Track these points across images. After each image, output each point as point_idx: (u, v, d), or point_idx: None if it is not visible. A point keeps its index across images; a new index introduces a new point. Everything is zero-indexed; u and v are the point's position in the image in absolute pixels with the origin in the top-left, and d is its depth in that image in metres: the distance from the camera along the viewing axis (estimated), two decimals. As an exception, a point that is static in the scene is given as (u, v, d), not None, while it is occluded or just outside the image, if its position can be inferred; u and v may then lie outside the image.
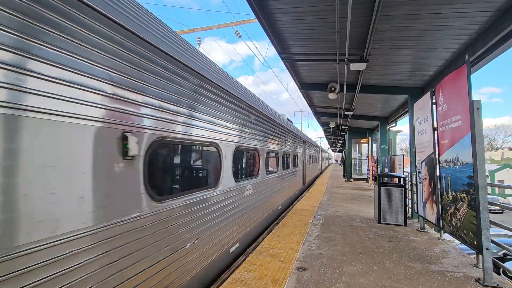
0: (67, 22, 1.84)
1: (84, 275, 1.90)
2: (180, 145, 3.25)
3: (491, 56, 6.05)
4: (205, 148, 3.82)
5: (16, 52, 1.56)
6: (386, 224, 6.94)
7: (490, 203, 3.96)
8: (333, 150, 69.86)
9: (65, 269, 1.78)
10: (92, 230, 1.97)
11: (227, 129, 4.29)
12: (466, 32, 5.81)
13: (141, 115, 2.46)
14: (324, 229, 6.42)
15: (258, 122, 6.01)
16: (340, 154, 55.61)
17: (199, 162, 3.90)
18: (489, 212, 3.66)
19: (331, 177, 24.93)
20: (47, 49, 1.71)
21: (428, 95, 5.42)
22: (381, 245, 5.32)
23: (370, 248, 5.16)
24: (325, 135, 38.72)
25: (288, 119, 14.20)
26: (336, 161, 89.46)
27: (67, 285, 1.79)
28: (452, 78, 4.34)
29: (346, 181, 20.75)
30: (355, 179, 21.45)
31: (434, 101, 5.18)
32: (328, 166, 54.61)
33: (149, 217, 2.53)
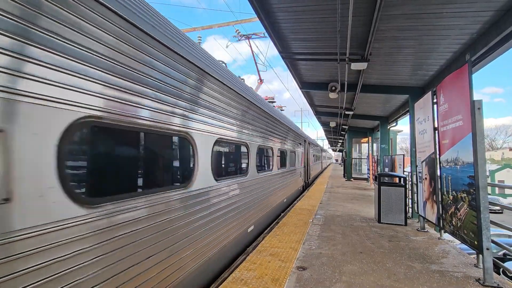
0: None
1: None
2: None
3: (492, 56, 6.04)
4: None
5: None
6: (386, 223, 6.94)
7: (491, 203, 3.95)
8: (333, 150, 69.86)
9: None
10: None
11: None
12: (468, 32, 5.80)
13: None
14: (324, 229, 6.42)
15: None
16: (341, 153, 55.61)
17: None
18: (489, 212, 3.66)
19: (331, 176, 24.94)
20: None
21: (429, 94, 5.41)
22: (381, 245, 5.32)
23: (370, 247, 5.17)
24: (325, 134, 38.68)
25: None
26: (336, 160, 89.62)
27: None
28: (453, 78, 4.34)
29: (346, 180, 20.75)
30: (355, 178, 21.45)
31: (435, 101, 5.18)
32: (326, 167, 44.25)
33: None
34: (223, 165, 4.61)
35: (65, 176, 1.84)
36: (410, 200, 7.65)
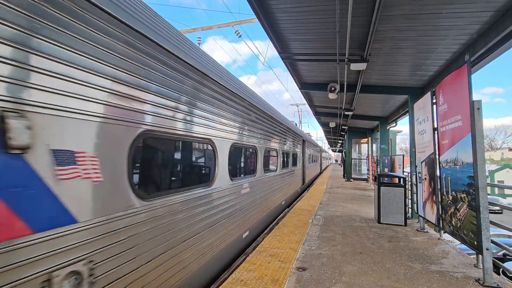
0: None
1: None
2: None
3: (492, 56, 6.04)
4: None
5: None
6: (386, 224, 6.93)
7: (490, 203, 3.95)
8: (333, 150, 69.90)
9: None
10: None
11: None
12: (467, 32, 5.81)
13: None
14: (324, 229, 6.42)
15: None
16: (340, 154, 55.62)
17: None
18: (489, 212, 3.66)
19: (331, 177, 24.94)
20: None
21: (428, 95, 5.41)
22: (381, 245, 5.31)
23: (370, 248, 5.16)
24: (325, 135, 38.71)
25: None
26: (336, 161, 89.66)
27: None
28: (452, 78, 4.34)
29: (346, 181, 20.74)
30: (355, 179, 21.44)
31: (434, 101, 5.18)
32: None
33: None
34: (310, 160, 18.22)
35: None
36: (409, 201, 7.65)
